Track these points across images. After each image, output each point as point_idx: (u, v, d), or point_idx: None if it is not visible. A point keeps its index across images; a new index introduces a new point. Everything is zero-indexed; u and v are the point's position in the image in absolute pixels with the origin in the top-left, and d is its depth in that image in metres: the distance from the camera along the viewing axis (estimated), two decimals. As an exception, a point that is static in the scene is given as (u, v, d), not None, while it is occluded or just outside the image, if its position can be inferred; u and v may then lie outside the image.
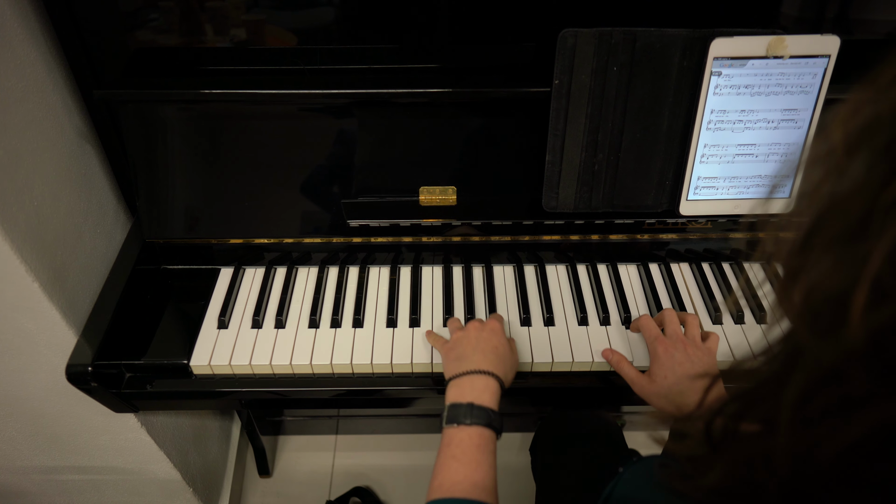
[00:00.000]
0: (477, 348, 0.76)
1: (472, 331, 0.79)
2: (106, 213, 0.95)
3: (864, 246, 0.28)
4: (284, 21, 0.84)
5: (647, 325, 0.83)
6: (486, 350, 0.76)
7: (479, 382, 0.72)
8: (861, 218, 0.28)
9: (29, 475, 1.15)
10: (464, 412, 0.69)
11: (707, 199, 0.87)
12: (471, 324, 0.80)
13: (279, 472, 1.54)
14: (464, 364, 0.74)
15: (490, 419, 0.69)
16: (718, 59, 0.78)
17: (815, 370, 0.31)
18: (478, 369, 0.73)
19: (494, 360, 0.75)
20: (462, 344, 0.77)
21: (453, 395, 0.72)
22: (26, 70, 0.77)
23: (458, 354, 0.76)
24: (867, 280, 0.27)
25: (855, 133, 0.30)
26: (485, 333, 0.78)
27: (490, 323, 0.80)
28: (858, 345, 0.28)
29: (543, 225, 0.93)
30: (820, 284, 0.30)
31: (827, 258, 0.30)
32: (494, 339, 0.77)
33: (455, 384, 0.73)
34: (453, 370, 0.75)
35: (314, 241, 0.95)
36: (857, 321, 0.28)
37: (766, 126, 0.82)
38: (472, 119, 0.87)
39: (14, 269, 0.74)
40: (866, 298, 0.27)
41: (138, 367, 0.87)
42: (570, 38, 0.78)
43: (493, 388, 0.72)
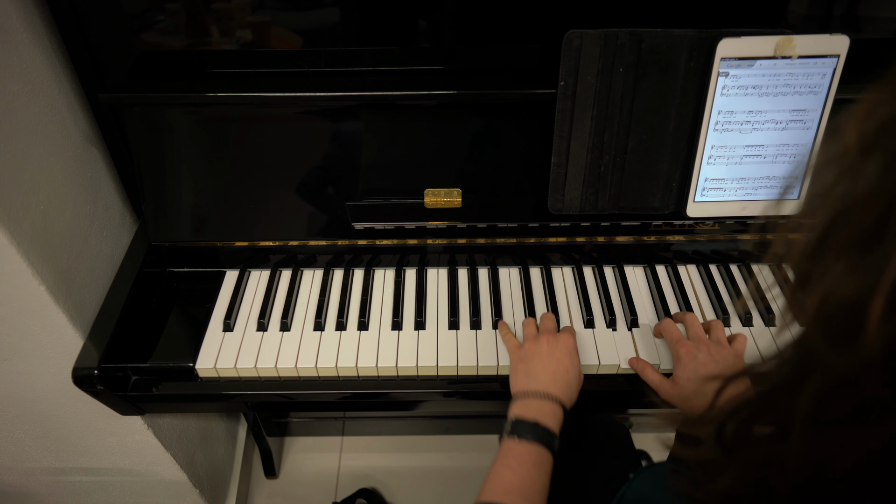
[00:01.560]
0: (548, 368, 0.76)
1: (545, 345, 0.78)
2: (112, 216, 0.95)
3: (881, 252, 0.27)
4: (290, 22, 0.84)
5: (669, 328, 0.82)
6: (558, 373, 0.76)
7: (547, 407, 0.72)
8: (877, 222, 0.28)
9: (37, 476, 1.16)
10: (527, 428, 0.70)
11: (714, 200, 0.86)
12: (544, 336, 0.80)
13: (285, 474, 1.54)
14: (532, 383, 0.75)
15: (551, 441, 0.69)
16: (726, 59, 0.77)
17: (829, 378, 0.30)
18: (547, 393, 0.73)
19: (563, 386, 0.75)
20: (534, 358, 0.77)
21: (518, 411, 0.72)
22: (32, 74, 0.77)
23: (528, 369, 0.76)
24: (885, 288, 0.27)
25: (870, 134, 0.30)
26: (557, 352, 0.78)
27: (564, 339, 0.79)
28: (875, 354, 0.27)
29: (549, 227, 0.93)
30: (835, 291, 0.30)
31: (841, 263, 0.30)
32: (566, 360, 0.77)
33: (522, 402, 0.73)
34: (522, 385, 0.75)
35: (319, 243, 0.95)
36: (875, 330, 0.27)
37: (774, 127, 0.82)
38: (477, 121, 0.87)
39: (20, 272, 0.74)
40: (884, 307, 0.27)
41: (144, 369, 0.87)
42: (576, 40, 0.77)
43: (559, 416, 0.72)
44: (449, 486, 1.51)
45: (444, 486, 1.51)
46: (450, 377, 0.87)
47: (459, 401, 0.89)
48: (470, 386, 0.87)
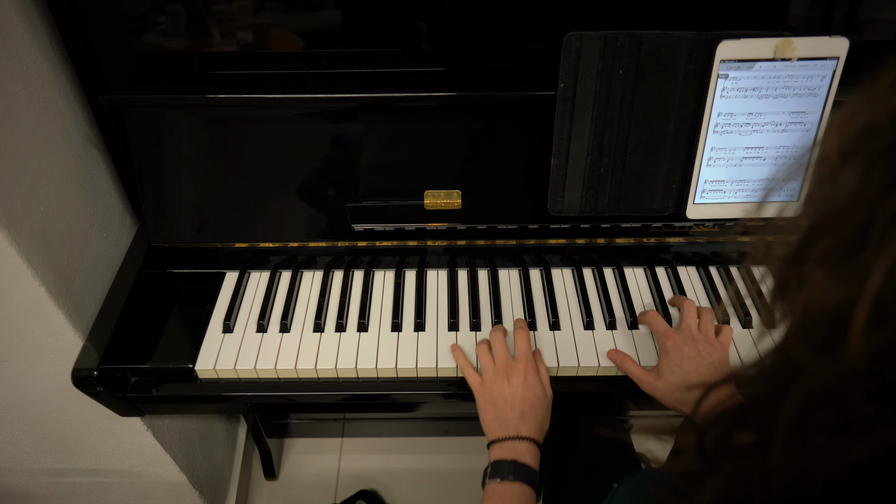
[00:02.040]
0: (514, 409, 0.76)
1: (506, 384, 0.78)
2: (112, 218, 0.95)
3: (864, 261, 0.27)
4: (291, 24, 0.84)
5: (655, 319, 0.83)
6: (525, 411, 0.76)
7: (522, 447, 0.74)
8: (859, 231, 0.27)
9: (36, 477, 1.16)
10: (508, 468, 0.71)
11: (714, 202, 0.87)
12: (502, 372, 0.78)
13: (285, 475, 1.54)
14: (505, 428, 0.76)
15: (532, 478, 0.71)
16: (725, 61, 0.77)
17: (813, 389, 0.30)
18: (519, 435, 0.75)
19: (533, 422, 0.76)
20: (499, 402, 0.78)
21: (497, 454, 0.74)
22: (32, 75, 0.77)
23: (497, 415, 0.77)
24: (868, 298, 0.26)
25: (850, 139, 0.29)
26: (520, 389, 0.78)
27: (521, 369, 0.78)
28: (858, 365, 0.27)
29: (549, 228, 0.93)
30: (817, 300, 0.29)
31: (823, 272, 0.29)
32: (530, 393, 0.77)
33: (498, 446, 0.75)
34: (495, 432, 0.76)
35: (319, 244, 0.95)
36: (858, 341, 0.27)
37: (773, 129, 0.82)
38: (477, 122, 0.87)
39: (20, 273, 0.74)
40: (867, 317, 0.26)
41: (144, 371, 0.87)
42: (576, 42, 0.78)
43: (535, 453, 0.74)
44: (449, 487, 1.51)
45: (444, 488, 1.51)
46: (449, 379, 0.87)
47: (459, 402, 0.89)
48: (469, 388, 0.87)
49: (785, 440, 0.31)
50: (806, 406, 0.30)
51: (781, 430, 0.31)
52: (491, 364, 0.81)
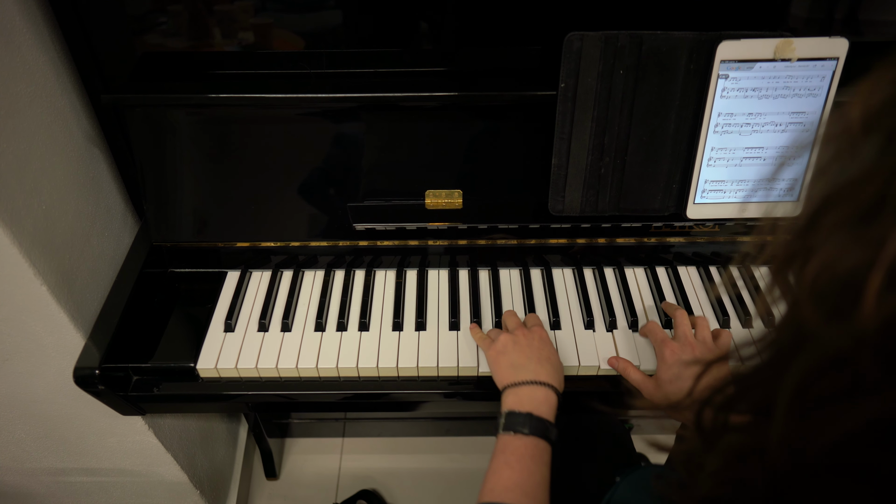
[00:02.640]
0: (531, 357, 0.75)
1: (522, 336, 0.78)
2: (114, 217, 0.96)
3: (880, 227, 0.27)
4: (292, 24, 0.84)
5: (654, 329, 0.83)
6: (542, 359, 0.75)
7: (539, 394, 0.71)
8: (875, 200, 0.28)
9: (37, 477, 1.16)
10: (522, 421, 0.69)
11: (714, 202, 0.87)
12: (518, 329, 0.80)
13: (286, 475, 1.54)
14: (521, 373, 0.73)
15: (547, 431, 0.69)
16: (725, 61, 0.78)
17: (821, 354, 0.30)
18: (537, 380, 0.72)
19: (551, 370, 0.74)
20: (514, 350, 0.76)
21: (511, 403, 0.71)
22: (35, 75, 0.77)
23: (512, 362, 0.75)
24: (884, 263, 0.26)
25: (874, 111, 0.29)
26: (535, 342, 0.77)
27: (538, 331, 0.79)
28: (870, 330, 0.27)
29: (550, 228, 0.93)
30: (830, 266, 0.29)
31: (838, 238, 0.29)
32: (546, 349, 0.77)
33: (513, 392, 0.72)
34: (509, 378, 0.74)
35: (320, 244, 0.96)
36: (871, 306, 0.27)
37: (773, 129, 0.82)
38: (478, 122, 0.87)
39: (22, 272, 0.75)
40: (882, 282, 0.26)
41: (145, 370, 0.87)
42: (576, 42, 0.78)
43: (553, 401, 0.72)
44: (450, 487, 1.51)
45: (445, 488, 1.51)
46: (450, 378, 0.87)
47: (460, 402, 0.89)
48: (470, 387, 0.87)
49: (787, 408, 0.31)
50: (812, 372, 0.30)
51: (784, 397, 0.31)
52: (503, 331, 0.82)
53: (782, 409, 0.31)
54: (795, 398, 0.31)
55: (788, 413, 0.31)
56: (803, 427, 0.31)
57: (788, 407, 0.31)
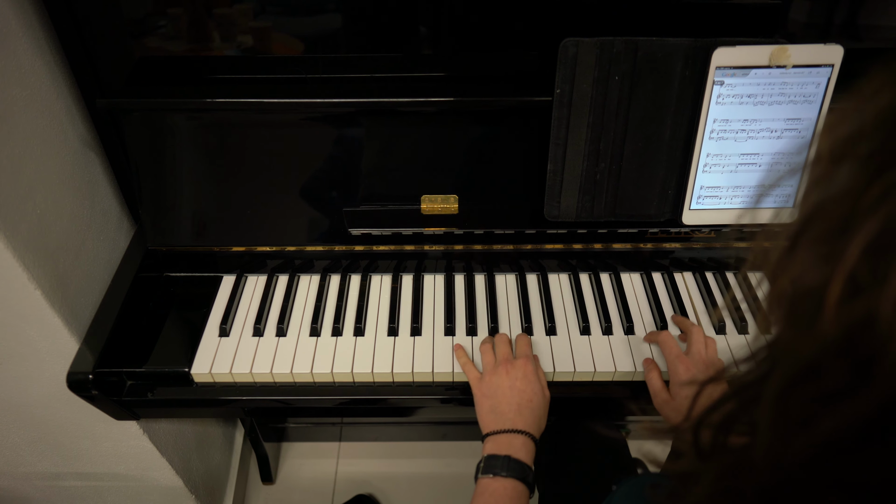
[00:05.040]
0: (511, 402, 0.76)
1: (505, 377, 0.78)
2: (109, 221, 0.95)
3: (843, 242, 0.28)
4: (291, 28, 0.84)
5: (669, 342, 0.82)
6: (522, 405, 0.76)
7: (517, 441, 0.73)
8: (841, 221, 0.29)
9: (32, 481, 1.16)
10: (501, 464, 0.71)
11: (710, 208, 0.87)
12: (502, 366, 0.80)
13: (282, 479, 1.54)
14: (500, 421, 0.76)
15: (526, 474, 0.71)
16: (721, 68, 0.78)
17: (794, 364, 0.31)
18: (515, 429, 0.74)
19: (530, 417, 0.76)
20: (496, 394, 0.78)
21: (490, 448, 0.73)
22: (30, 78, 0.77)
23: (493, 407, 0.77)
24: (842, 274, 0.28)
25: (840, 142, 0.31)
26: (518, 382, 0.78)
27: (521, 366, 0.79)
28: (833, 338, 0.29)
29: (546, 234, 0.93)
30: (799, 279, 0.31)
31: (808, 256, 0.31)
32: (528, 388, 0.78)
33: (492, 439, 0.74)
34: (490, 425, 0.76)
35: (316, 248, 0.95)
36: (832, 314, 0.28)
37: (769, 136, 0.82)
38: (474, 127, 0.87)
39: (16, 276, 0.75)
40: (841, 292, 0.28)
41: (139, 374, 0.87)
42: (572, 48, 0.78)
43: (530, 448, 0.73)
44: (446, 492, 1.50)
45: (442, 493, 1.50)
46: (446, 383, 0.87)
47: (456, 407, 0.89)
48: (466, 392, 0.87)
49: (770, 418, 0.32)
50: (789, 382, 0.31)
51: (766, 406, 0.32)
52: (492, 359, 0.82)
53: (765, 419, 0.32)
54: (777, 408, 0.32)
55: (772, 423, 0.32)
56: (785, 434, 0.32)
57: (772, 417, 0.32)
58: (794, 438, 0.31)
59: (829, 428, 0.29)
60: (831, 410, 0.29)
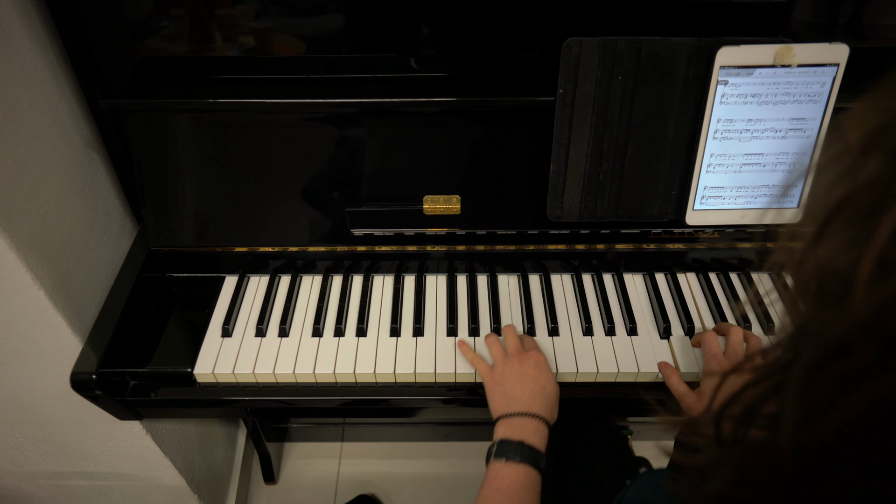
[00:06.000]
0: (525, 387, 0.76)
1: (517, 365, 0.78)
2: (112, 221, 0.96)
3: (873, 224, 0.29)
4: (292, 28, 0.84)
5: (711, 342, 0.81)
6: (535, 391, 0.76)
7: (530, 425, 0.72)
8: (871, 207, 0.30)
9: (36, 480, 1.16)
10: (514, 449, 0.70)
11: (714, 208, 0.86)
12: (514, 356, 0.80)
13: (284, 479, 1.54)
14: (513, 404, 0.75)
15: (538, 460, 0.70)
16: (725, 67, 0.77)
17: (822, 344, 0.32)
18: (529, 412, 0.73)
19: (543, 403, 0.75)
20: (509, 379, 0.77)
21: (503, 433, 0.73)
22: (33, 80, 0.77)
23: (506, 392, 0.76)
24: (872, 255, 0.29)
25: (869, 134, 0.32)
26: (531, 370, 0.78)
27: (534, 356, 0.79)
28: (863, 317, 0.29)
29: (548, 234, 0.93)
30: (827, 262, 0.32)
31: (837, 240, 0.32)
32: (542, 376, 0.77)
33: (505, 422, 0.74)
34: (502, 408, 0.75)
35: (318, 249, 0.95)
36: (862, 293, 0.29)
37: (773, 135, 0.81)
38: (477, 128, 0.87)
39: (20, 277, 0.75)
40: (871, 272, 0.29)
41: (142, 374, 0.87)
42: (575, 47, 0.78)
43: (544, 433, 0.73)
44: (448, 492, 1.50)
45: (444, 493, 1.50)
46: (448, 384, 0.87)
47: (458, 408, 0.89)
48: (468, 393, 0.87)
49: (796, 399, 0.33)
50: (817, 361, 0.32)
51: (793, 387, 0.33)
52: (501, 350, 0.82)
53: (792, 401, 0.33)
54: (804, 389, 0.32)
55: (799, 404, 0.33)
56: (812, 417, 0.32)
57: (798, 398, 0.33)
58: (821, 419, 0.31)
59: (857, 406, 0.30)
60: (860, 388, 0.30)
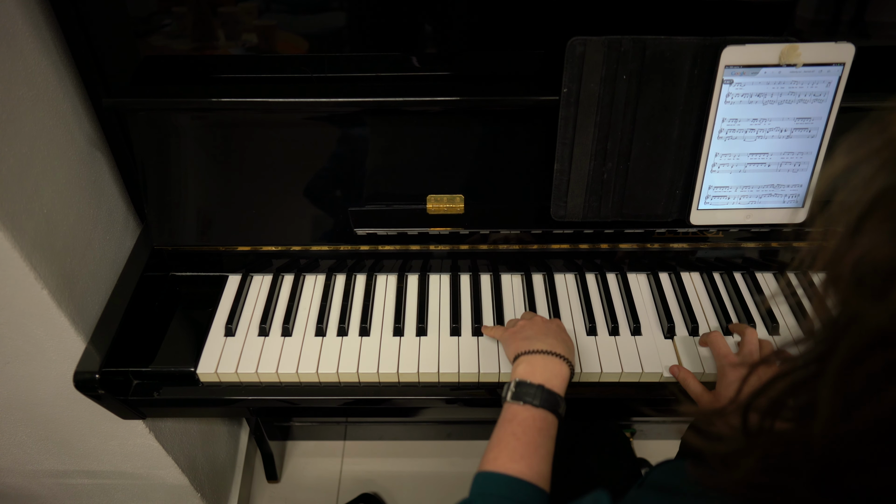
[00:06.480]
0: (549, 333, 0.75)
1: (539, 320, 0.79)
2: (115, 220, 0.95)
3: None
4: (295, 27, 0.84)
5: (719, 343, 0.80)
6: (558, 337, 0.75)
7: (553, 365, 0.70)
8: None
9: (39, 479, 1.16)
10: (533, 392, 0.68)
11: (718, 208, 0.86)
12: (536, 317, 0.81)
13: (287, 478, 1.54)
14: (535, 343, 0.73)
15: (557, 405, 0.68)
16: (730, 67, 0.77)
17: (862, 335, 0.32)
18: (553, 351, 0.71)
19: (566, 349, 0.74)
20: (531, 327, 0.76)
21: (523, 372, 0.70)
22: (37, 78, 0.77)
23: (528, 336, 0.75)
24: None
25: None
26: (552, 325, 0.78)
27: (556, 321, 0.81)
28: None
29: (552, 234, 0.92)
30: (869, 254, 0.32)
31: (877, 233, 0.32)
32: (562, 333, 0.78)
33: (526, 360, 0.71)
34: (523, 347, 0.73)
35: (322, 248, 0.95)
36: None
37: (778, 135, 0.81)
38: (480, 127, 0.87)
39: (23, 276, 0.75)
40: None
41: (145, 374, 0.87)
42: (579, 47, 0.77)
43: (565, 375, 0.71)
44: (451, 491, 1.50)
45: (446, 492, 1.50)
46: (451, 384, 0.87)
47: (461, 408, 0.88)
48: (472, 393, 0.87)
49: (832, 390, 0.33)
50: (855, 352, 0.32)
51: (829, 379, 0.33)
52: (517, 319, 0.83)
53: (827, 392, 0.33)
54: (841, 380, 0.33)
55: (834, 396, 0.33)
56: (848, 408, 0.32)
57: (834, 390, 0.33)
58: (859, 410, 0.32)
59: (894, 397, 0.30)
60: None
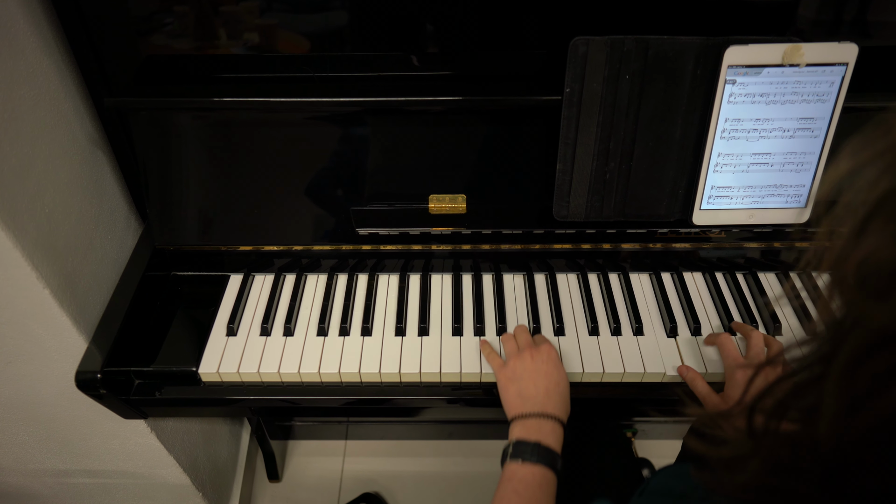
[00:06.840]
0: (539, 385, 0.76)
1: (530, 360, 0.78)
2: (117, 220, 0.95)
3: None
4: (297, 26, 0.84)
5: (728, 344, 0.81)
6: (549, 388, 0.76)
7: (546, 426, 0.73)
8: None
9: (41, 478, 1.16)
10: (531, 450, 0.70)
11: (721, 208, 0.86)
12: (527, 351, 0.80)
13: (288, 477, 1.54)
14: (528, 404, 0.75)
15: (554, 461, 0.70)
16: (733, 67, 0.77)
17: (866, 335, 0.32)
18: (545, 413, 0.74)
19: (558, 401, 0.75)
20: (521, 376, 0.77)
21: (519, 433, 0.73)
22: (38, 78, 0.77)
23: (520, 390, 0.76)
24: None
25: None
26: (543, 366, 0.78)
27: (546, 350, 0.80)
28: None
29: (554, 234, 0.92)
30: (873, 255, 0.32)
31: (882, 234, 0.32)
32: (554, 373, 0.78)
33: (521, 423, 0.74)
34: (518, 408, 0.75)
35: (324, 248, 0.95)
36: None
37: (781, 135, 0.81)
38: (483, 127, 0.87)
39: (25, 275, 0.75)
40: None
41: (147, 373, 0.87)
42: (582, 46, 0.77)
43: (559, 433, 0.73)
44: (452, 491, 1.50)
45: (448, 491, 1.50)
46: (453, 384, 0.87)
47: (463, 407, 0.88)
48: (473, 392, 0.87)
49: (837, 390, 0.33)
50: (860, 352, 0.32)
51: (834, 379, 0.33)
52: (515, 346, 0.82)
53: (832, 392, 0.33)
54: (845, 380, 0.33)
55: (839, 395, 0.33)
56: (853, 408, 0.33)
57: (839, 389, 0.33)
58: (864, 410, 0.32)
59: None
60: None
